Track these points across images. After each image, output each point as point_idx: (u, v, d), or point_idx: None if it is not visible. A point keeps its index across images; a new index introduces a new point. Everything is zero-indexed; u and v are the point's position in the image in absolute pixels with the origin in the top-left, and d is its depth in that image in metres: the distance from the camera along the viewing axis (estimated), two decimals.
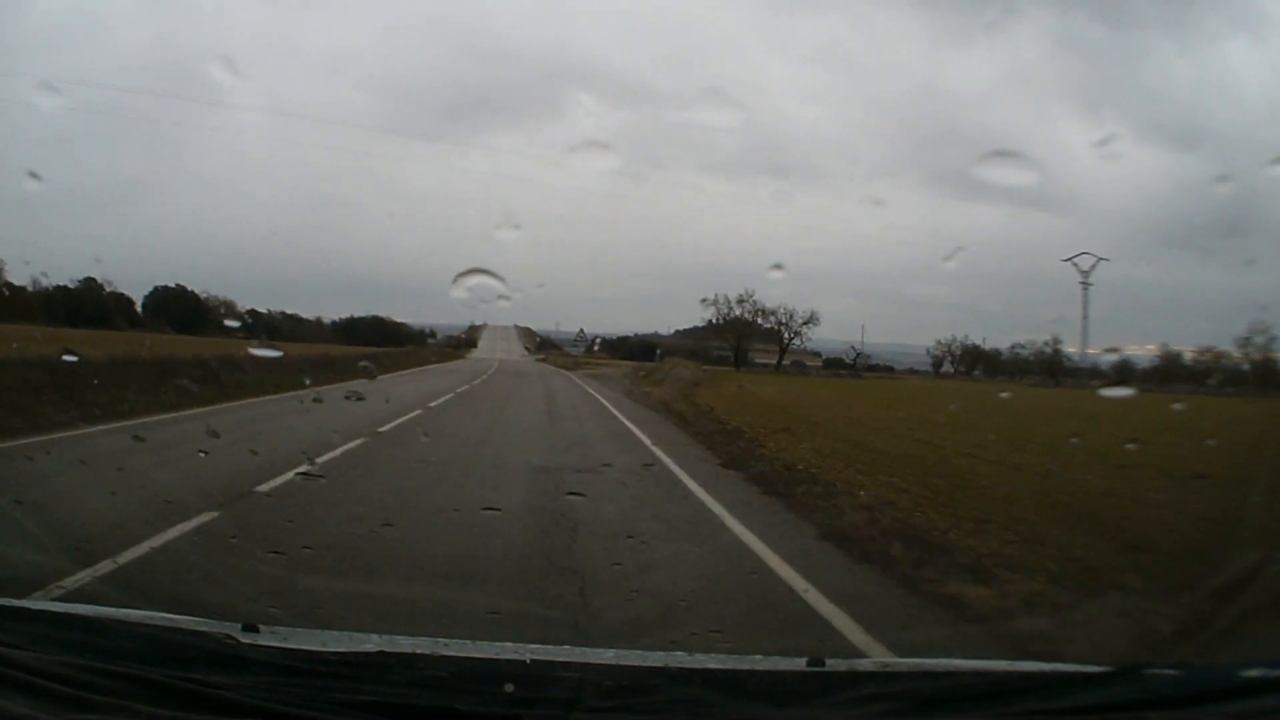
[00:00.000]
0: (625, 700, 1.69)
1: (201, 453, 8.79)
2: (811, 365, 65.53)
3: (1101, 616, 4.76)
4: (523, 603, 4.53)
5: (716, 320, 59.85)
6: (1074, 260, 47.60)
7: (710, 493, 8.61)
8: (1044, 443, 13.41)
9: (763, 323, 60.11)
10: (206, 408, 14.25)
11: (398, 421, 13.05)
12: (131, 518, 5.64)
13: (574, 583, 4.86)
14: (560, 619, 4.23)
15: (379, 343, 53.28)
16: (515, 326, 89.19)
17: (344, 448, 9.70)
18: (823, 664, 2.00)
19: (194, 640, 1.84)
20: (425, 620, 4.05)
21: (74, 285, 43.78)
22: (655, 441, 13.30)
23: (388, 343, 54.66)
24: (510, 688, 1.66)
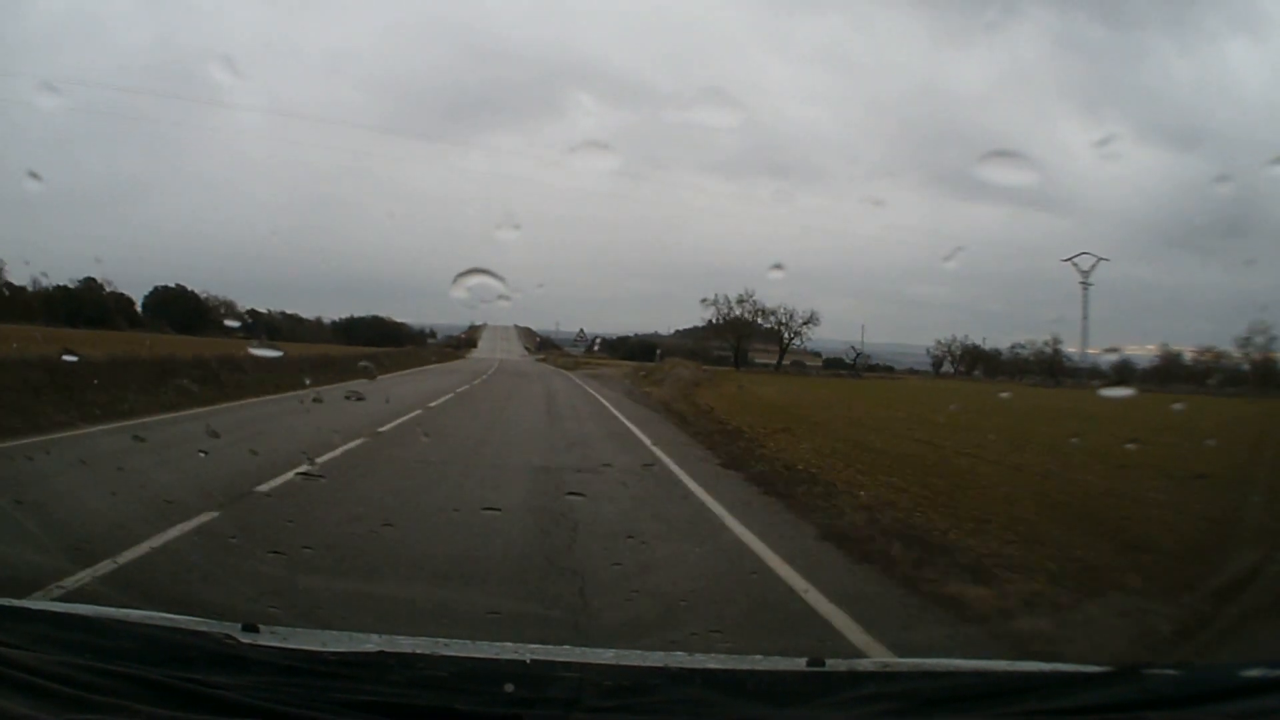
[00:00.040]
0: (625, 700, 1.69)
1: (201, 453, 8.79)
2: (811, 365, 65.52)
3: (1102, 616, 4.77)
4: (522, 603, 4.54)
5: (716, 320, 59.86)
6: (1074, 260, 47.68)
7: (710, 492, 8.59)
8: (1044, 443, 13.42)
9: (763, 323, 60.15)
10: (207, 407, 14.24)
11: (397, 422, 13.07)
12: (131, 517, 5.63)
13: (574, 582, 4.86)
14: (560, 619, 4.24)
15: (379, 343, 53.31)
16: (515, 326, 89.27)
17: (344, 448, 9.71)
18: (823, 664, 2.00)
19: (194, 640, 1.84)
20: (425, 621, 4.05)
21: (74, 285, 43.79)
22: (655, 441, 13.29)
23: (388, 343, 54.69)
24: (510, 688, 1.65)
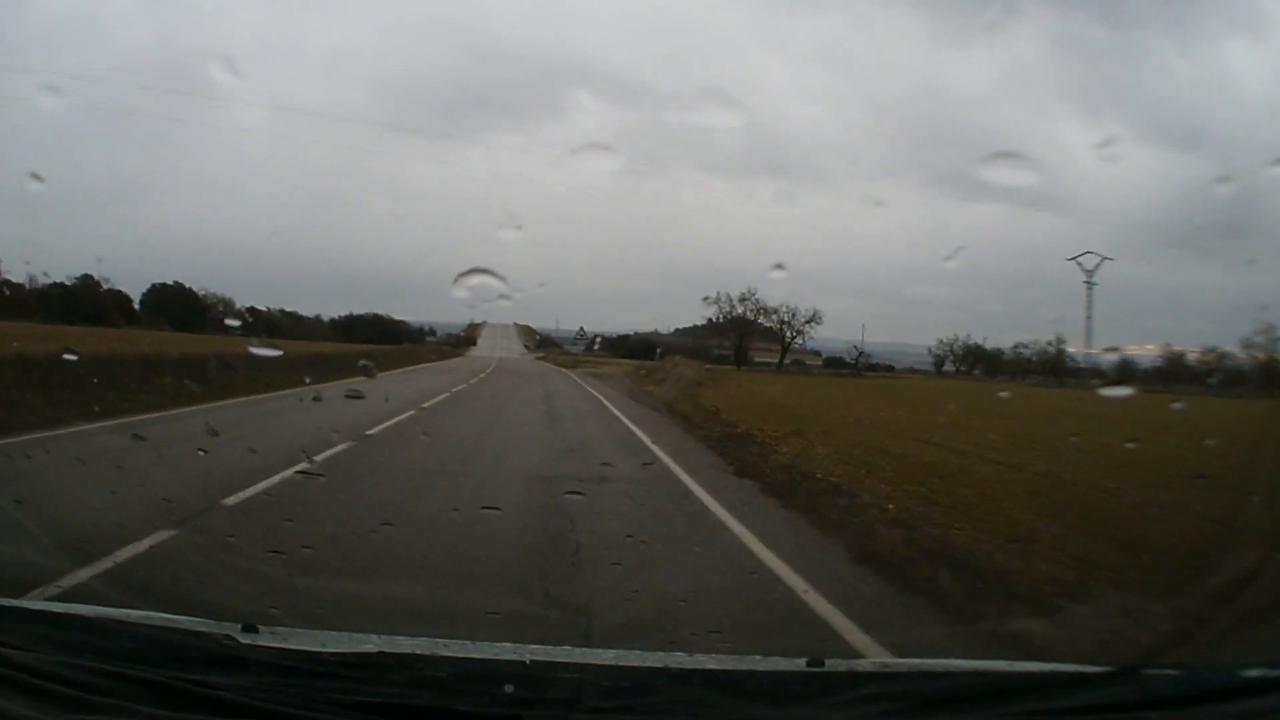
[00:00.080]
0: (625, 701, 1.69)
1: (201, 451, 8.81)
2: (812, 364, 65.53)
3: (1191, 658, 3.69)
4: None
5: (718, 318, 59.63)
6: (1078, 259, 47.56)
7: (725, 505, 7.91)
8: (1068, 446, 12.50)
9: (764, 321, 60.01)
10: (206, 405, 14.29)
11: (389, 423, 12.81)
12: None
13: (579, 623, 4.28)
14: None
15: (378, 340, 53.43)
16: (515, 325, 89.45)
17: (338, 448, 9.69)
18: (823, 664, 2.00)
19: (194, 640, 1.84)
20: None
21: (71, 282, 43.71)
22: (662, 447, 12.63)
23: (386, 340, 54.82)
24: (510, 688, 1.66)
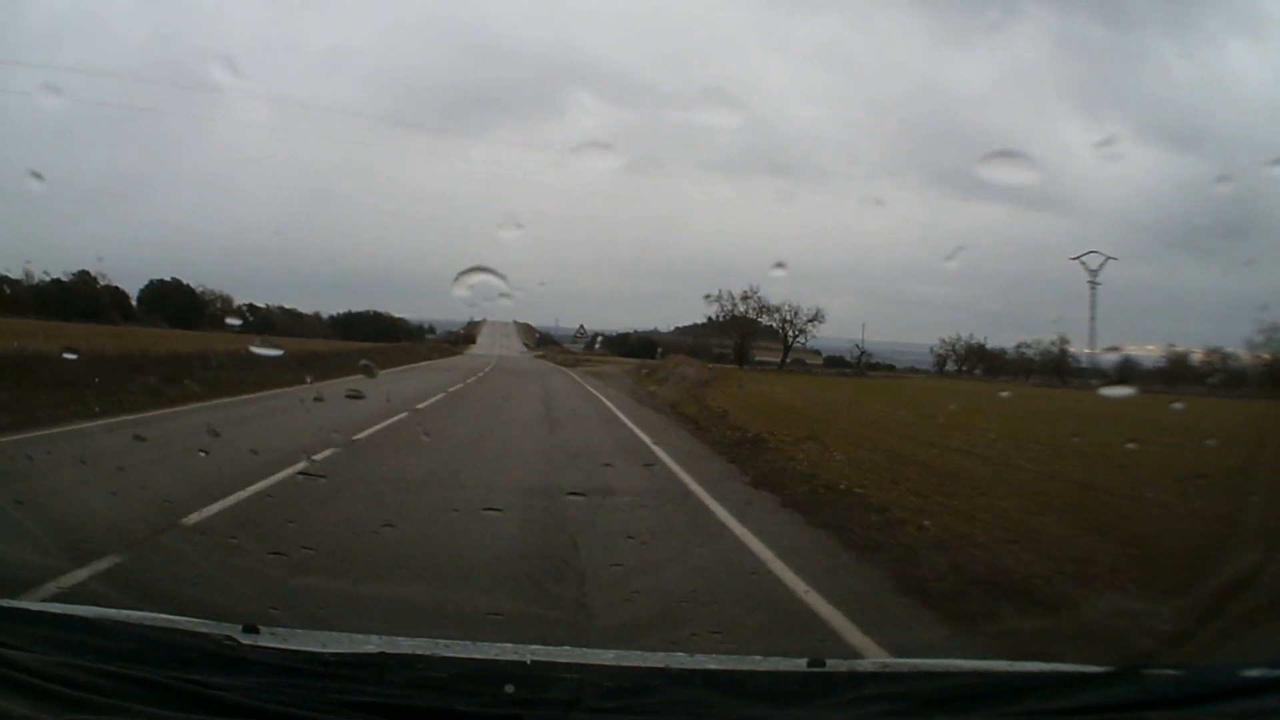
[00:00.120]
0: (625, 701, 1.69)
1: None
2: (812, 363, 65.48)
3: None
4: None
5: (719, 317, 59.45)
6: (1082, 259, 47.35)
7: (746, 523, 7.14)
8: (1096, 454, 11.70)
9: (766, 320, 59.86)
10: (205, 402, 14.36)
11: (381, 425, 12.22)
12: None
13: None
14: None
15: (377, 338, 53.39)
16: (514, 323, 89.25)
17: (330, 451, 9.68)
18: (823, 664, 2.01)
19: (194, 641, 1.84)
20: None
21: (68, 279, 43.61)
22: (670, 454, 11.81)
23: (385, 338, 54.77)
24: (510, 688, 1.66)
